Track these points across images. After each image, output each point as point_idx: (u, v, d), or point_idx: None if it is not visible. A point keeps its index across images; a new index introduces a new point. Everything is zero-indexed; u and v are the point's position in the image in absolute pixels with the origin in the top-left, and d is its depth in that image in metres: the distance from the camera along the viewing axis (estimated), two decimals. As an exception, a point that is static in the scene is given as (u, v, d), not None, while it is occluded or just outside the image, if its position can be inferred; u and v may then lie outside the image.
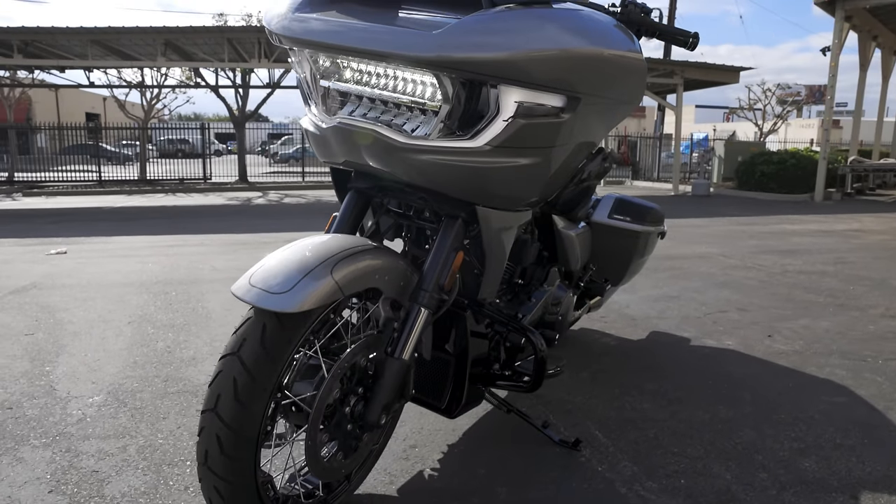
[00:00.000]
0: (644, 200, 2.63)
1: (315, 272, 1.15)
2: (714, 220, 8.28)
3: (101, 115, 31.15)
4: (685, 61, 13.08)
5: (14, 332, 2.98)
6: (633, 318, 3.28)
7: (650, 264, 4.77)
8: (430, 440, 1.90)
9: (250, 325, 1.15)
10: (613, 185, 16.52)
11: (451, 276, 1.41)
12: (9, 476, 1.69)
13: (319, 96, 1.37)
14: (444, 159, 1.24)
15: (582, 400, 2.21)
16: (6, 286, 3.96)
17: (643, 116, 33.10)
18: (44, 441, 1.88)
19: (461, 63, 1.13)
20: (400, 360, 1.35)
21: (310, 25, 1.23)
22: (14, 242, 6.00)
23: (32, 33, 10.10)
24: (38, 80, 15.62)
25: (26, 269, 4.58)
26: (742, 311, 3.46)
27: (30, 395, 2.23)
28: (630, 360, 2.64)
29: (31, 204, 10.78)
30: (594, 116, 1.40)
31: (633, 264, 2.58)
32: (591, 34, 1.26)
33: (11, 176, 14.84)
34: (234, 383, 1.11)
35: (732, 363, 2.61)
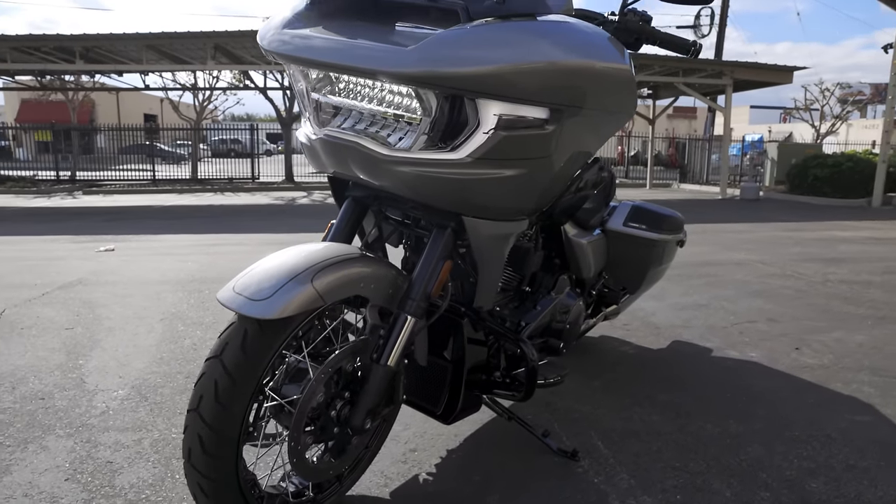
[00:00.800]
0: (663, 208, 2.59)
1: (295, 280, 1.19)
2: (759, 225, 8.02)
3: (157, 116, 32.40)
4: (735, 61, 12.69)
5: (56, 326, 3.15)
6: (656, 327, 3.23)
7: (682, 271, 4.69)
8: (431, 444, 1.93)
9: (233, 330, 1.20)
10: (660, 189, 16.19)
11: (439, 285, 1.43)
12: (32, 463, 1.80)
13: (311, 109, 1.41)
14: (427, 171, 1.27)
15: (589, 409, 2.20)
16: (55, 282, 4.18)
17: (694, 117, 32.26)
18: (67, 431, 2.00)
19: (434, 78, 1.15)
20: (385, 366, 1.37)
21: (296, 42, 1.27)
22: (69, 239, 6.32)
23: (92, 40, 10.61)
24: (99, 83, 16.38)
25: (76, 265, 4.82)
26: (772, 321, 3.36)
27: (62, 386, 2.36)
28: (646, 370, 2.60)
29: (89, 202, 11.31)
30: (584, 127, 1.39)
31: (651, 273, 2.54)
32: (572, 47, 1.25)
33: (73, 175, 15.61)
34: (215, 385, 1.16)
35: (753, 376, 2.54)
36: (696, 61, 12.43)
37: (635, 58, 9.53)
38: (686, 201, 12.05)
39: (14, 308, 3.49)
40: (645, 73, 12.77)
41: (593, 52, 1.30)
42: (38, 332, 3.04)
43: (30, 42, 10.58)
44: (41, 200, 11.55)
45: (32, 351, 2.76)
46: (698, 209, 10.38)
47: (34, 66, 11.47)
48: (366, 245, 1.75)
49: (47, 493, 1.64)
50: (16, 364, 2.60)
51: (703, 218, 8.81)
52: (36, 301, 3.65)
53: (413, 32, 1.21)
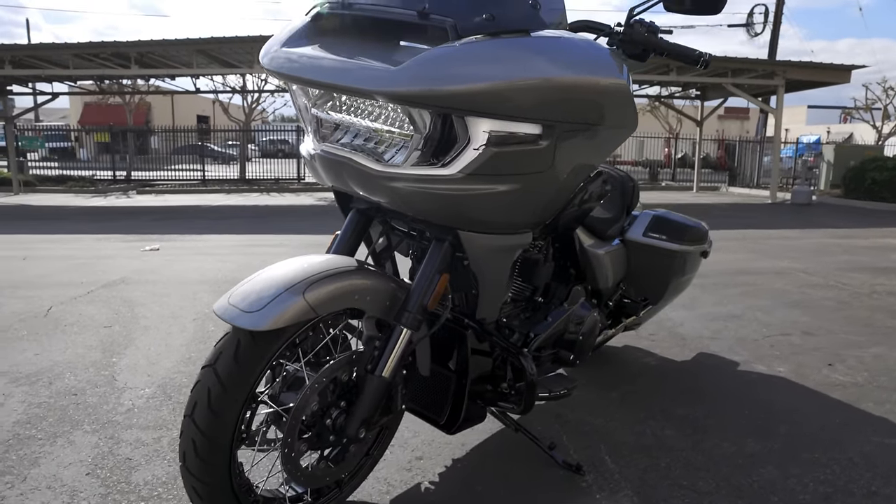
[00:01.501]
0: (686, 217, 2.53)
1: (287, 293, 1.23)
2: (807, 231, 7.72)
3: (210, 117, 33.46)
4: (787, 61, 12.24)
5: (95, 324, 3.30)
6: (683, 338, 3.16)
7: (718, 280, 4.57)
8: (437, 453, 1.94)
9: (227, 339, 1.25)
10: (707, 192, 15.78)
11: (435, 297, 1.45)
12: (59, 457, 1.90)
13: (312, 124, 1.45)
14: (419, 187, 1.28)
15: (602, 422, 2.17)
16: (100, 280, 4.38)
17: (747, 118, 31.27)
18: (94, 427, 2.10)
19: (418, 97, 1.16)
20: (380, 377, 1.40)
21: (292, 61, 1.31)
22: (119, 238, 6.60)
23: (146, 46, 11.04)
24: (153, 87, 17.03)
25: (122, 264, 5.04)
26: (807, 334, 3.24)
27: (94, 383, 2.48)
28: (666, 382, 2.55)
29: (141, 201, 11.77)
30: (581, 142, 1.39)
31: (673, 284, 2.49)
32: (562, 63, 1.25)
33: (129, 175, 16.26)
34: (208, 393, 1.21)
35: (778, 392, 2.46)
36: (746, 61, 12.05)
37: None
38: (732, 205, 11.71)
39: (60, 305, 3.67)
40: (691, 74, 12.46)
41: (584, 68, 1.29)
42: (79, 330, 3.19)
43: (89, 49, 11.09)
44: (97, 200, 12.09)
45: (72, 348, 2.91)
46: (744, 214, 10.07)
47: (93, 71, 12.02)
48: (373, 254, 1.78)
49: (69, 486, 1.73)
50: (55, 360, 2.74)
51: (748, 223, 8.54)
52: (81, 299, 3.83)
53: (408, 50, 1.23)
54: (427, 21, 1.21)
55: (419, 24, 1.22)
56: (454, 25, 1.18)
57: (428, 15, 1.21)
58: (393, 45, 1.26)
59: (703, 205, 11.87)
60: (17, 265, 4.95)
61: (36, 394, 2.37)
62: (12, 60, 11.30)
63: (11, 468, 1.83)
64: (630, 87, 1.39)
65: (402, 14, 1.25)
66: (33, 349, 2.89)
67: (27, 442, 1.99)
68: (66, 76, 12.41)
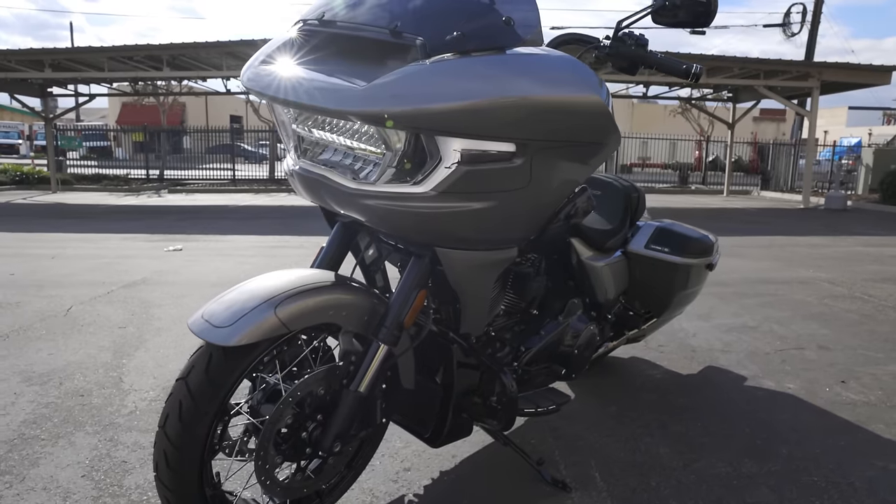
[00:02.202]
0: (692, 229, 2.48)
1: (258, 309, 1.24)
2: (838, 238, 7.50)
3: (243, 117, 34.05)
4: (822, 62, 11.90)
5: (111, 325, 3.38)
6: (692, 350, 3.10)
7: (737, 288, 4.47)
8: (426, 464, 1.94)
9: (200, 353, 1.27)
10: (738, 196, 15.46)
11: (412, 313, 1.45)
12: (58, 457, 1.95)
13: (292, 141, 1.46)
14: (392, 205, 1.28)
15: (596, 437, 2.15)
16: (121, 280, 4.49)
17: (783, 119, 30.50)
18: (95, 429, 2.15)
19: (380, 117, 1.16)
20: (355, 392, 1.40)
21: (265, 79, 1.32)
22: (144, 238, 6.76)
23: (178, 48, 11.29)
24: (186, 87, 17.40)
25: (144, 264, 5.16)
26: (823, 349, 3.15)
27: (101, 384, 2.55)
28: (668, 397, 2.51)
29: (171, 200, 12.04)
30: (560, 159, 1.37)
31: (677, 297, 2.44)
32: (534, 81, 1.23)
33: (162, 174, 16.65)
34: (179, 406, 1.23)
35: (784, 410, 2.40)
36: (779, 63, 11.76)
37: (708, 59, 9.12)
38: (762, 210, 11.45)
39: (80, 305, 3.78)
40: (722, 76, 12.21)
41: (558, 86, 1.27)
42: (95, 330, 3.28)
43: (123, 52, 11.39)
44: (130, 198, 12.40)
45: (85, 348, 2.99)
46: (773, 219, 9.84)
47: (127, 73, 12.34)
48: (362, 265, 1.79)
49: (63, 488, 1.78)
50: (69, 360, 2.82)
51: (776, 230, 8.34)
52: (100, 299, 3.94)
53: (382, 68, 1.23)
54: (399, 39, 1.21)
55: (393, 42, 1.22)
56: (424, 44, 1.17)
57: (400, 33, 1.21)
58: (369, 63, 1.26)
59: (731, 209, 11.64)
60: (45, 264, 5.11)
61: (46, 394, 2.44)
62: (52, 63, 11.67)
63: (12, 468, 1.89)
64: (608, 103, 1.36)
65: (375, 32, 1.25)
66: (49, 349, 2.97)
67: (30, 442, 2.05)
68: (102, 78, 12.75)
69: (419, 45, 1.17)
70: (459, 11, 1.22)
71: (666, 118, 23.35)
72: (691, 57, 11.67)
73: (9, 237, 6.71)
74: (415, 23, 1.21)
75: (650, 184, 18.06)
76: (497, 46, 1.22)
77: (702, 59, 11.85)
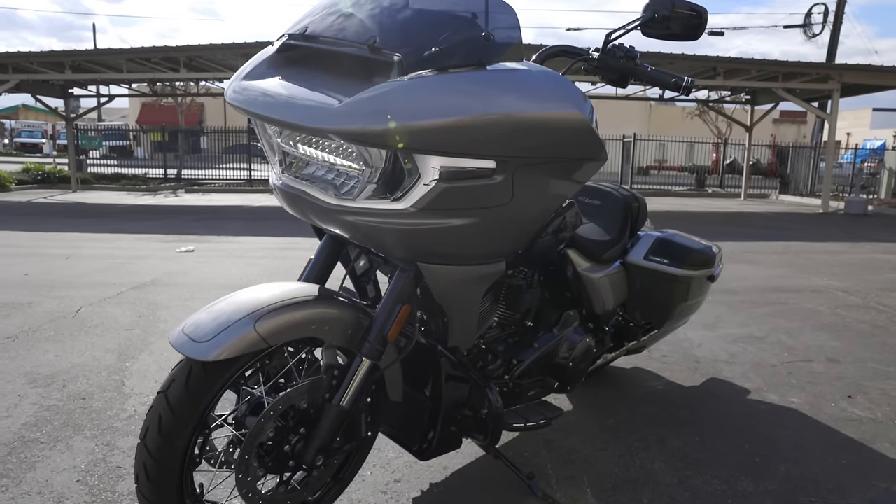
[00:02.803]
0: (693, 240, 2.45)
1: (238, 324, 1.24)
2: (856, 245, 7.37)
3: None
4: (843, 64, 11.71)
5: (117, 326, 3.43)
6: (696, 361, 3.06)
7: (747, 297, 4.41)
8: (417, 476, 1.94)
9: (180, 367, 1.27)
10: (755, 200, 15.27)
11: (396, 328, 1.44)
12: (55, 462, 1.98)
13: (276, 155, 1.46)
14: (373, 221, 1.28)
15: (591, 451, 2.12)
16: (131, 281, 4.55)
17: (804, 121, 30.02)
18: (94, 433, 2.17)
19: (357, 135, 1.15)
20: (338, 406, 1.40)
21: (246, 94, 1.32)
22: (158, 238, 6.84)
23: (194, 50, 11.42)
24: (204, 88, 17.59)
25: (155, 265, 5.22)
26: (832, 361, 3.09)
27: (103, 388, 2.58)
28: (667, 410, 2.47)
29: (188, 200, 12.17)
30: (543, 175, 1.35)
31: (678, 309, 2.41)
32: (512, 97, 1.21)
33: (179, 174, 16.84)
34: (159, 419, 1.24)
35: (786, 425, 2.36)
36: (798, 65, 11.59)
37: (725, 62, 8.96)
38: (779, 215, 11.28)
39: (89, 307, 3.83)
40: (739, 79, 12.06)
41: (538, 102, 1.25)
42: (102, 332, 3.32)
43: (141, 54, 11.54)
44: (147, 198, 12.56)
45: (91, 350, 3.03)
46: (790, 224, 9.69)
47: (145, 75, 12.51)
48: (353, 276, 1.79)
49: (57, 492, 1.81)
50: (73, 362, 2.86)
51: (792, 235, 8.21)
52: (109, 300, 3.99)
53: (361, 85, 1.22)
54: (378, 55, 1.21)
55: (373, 58, 1.22)
56: (401, 61, 1.17)
57: (379, 49, 1.20)
58: (351, 78, 1.26)
59: (747, 213, 11.49)
60: (59, 264, 5.19)
61: (48, 396, 2.48)
62: (72, 65, 11.86)
63: (10, 471, 1.92)
64: (591, 119, 1.34)
65: (355, 48, 1.25)
66: (56, 350, 3.02)
67: (29, 445, 2.08)
68: (121, 79, 12.94)
69: (397, 61, 1.17)
70: (438, 26, 1.21)
71: (683, 120, 23.13)
72: (706, 60, 11.56)
73: (27, 236, 6.83)
74: (393, 38, 1.21)
75: (666, 186, 17.91)
76: (476, 62, 1.21)
77: (719, 60, 11.72)
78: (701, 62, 11.68)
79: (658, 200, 14.64)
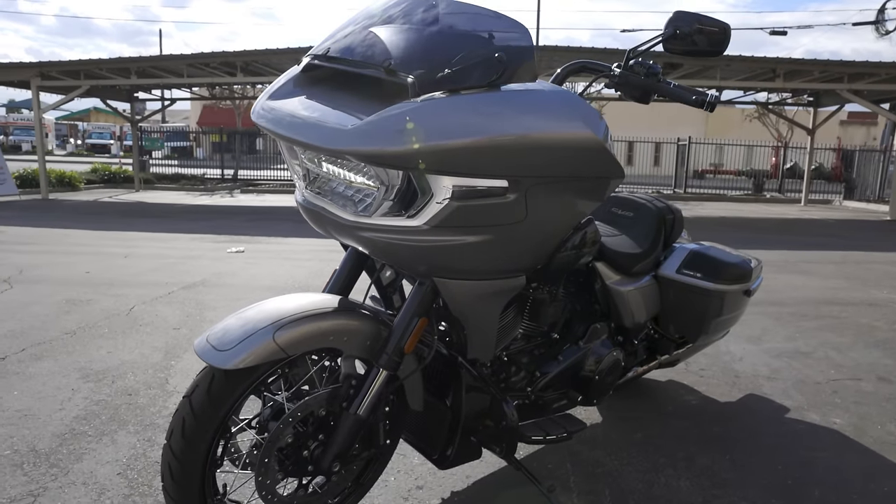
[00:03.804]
0: (729, 253, 2.39)
1: (258, 334, 1.30)
2: (923, 256, 6.97)
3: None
4: (917, 63, 11.07)
5: (166, 325, 3.59)
6: (736, 375, 2.97)
7: (797, 309, 4.26)
8: (439, 483, 1.97)
9: (203, 373, 1.34)
10: (817, 206, 14.63)
11: (412, 341, 1.47)
12: (100, 455, 2.10)
13: (300, 172, 1.51)
14: (388, 237, 1.31)
15: (616, 465, 2.10)
16: (182, 281, 4.74)
17: (874, 123, 28.52)
18: (137, 428, 2.29)
19: (369, 156, 1.19)
20: (354, 415, 1.44)
21: (269, 114, 1.38)
22: (211, 238, 7.10)
23: (250, 55, 11.78)
24: (260, 91, 18.13)
25: (206, 265, 5.42)
26: (883, 381, 2.95)
27: (148, 385, 2.71)
28: (699, 426, 2.42)
29: (242, 201, 12.57)
30: (557, 193, 1.36)
31: (712, 323, 2.36)
32: (522, 119, 1.22)
33: (235, 175, 17.40)
34: (182, 422, 1.31)
35: (825, 447, 2.27)
36: (867, 65, 11.05)
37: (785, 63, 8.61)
38: (841, 222, 10.78)
39: (142, 305, 4.02)
40: (800, 80, 11.59)
41: (548, 124, 1.26)
42: (151, 331, 3.49)
43: (201, 59, 12.00)
44: (204, 198, 13.04)
45: (140, 348, 3.19)
46: (852, 232, 9.25)
47: (204, 79, 12.98)
48: (378, 285, 1.83)
49: (99, 484, 1.92)
50: (123, 359, 3.02)
51: (853, 244, 7.84)
52: (161, 300, 4.18)
53: (378, 106, 1.25)
54: (393, 77, 1.24)
55: (388, 80, 1.26)
56: (414, 83, 1.20)
57: (394, 72, 1.24)
58: (370, 100, 1.29)
59: (807, 220, 11.03)
60: (118, 263, 5.46)
61: (98, 391, 2.62)
62: (137, 70, 12.43)
63: (59, 461, 2.05)
64: (605, 138, 1.34)
65: (371, 69, 1.28)
66: (108, 347, 3.19)
67: (78, 438, 2.21)
68: (182, 83, 13.47)
69: (410, 83, 1.20)
70: (451, 48, 1.24)
71: (743, 123, 22.36)
72: (765, 61, 11.16)
73: (92, 235, 7.20)
74: (407, 61, 1.24)
75: (722, 191, 17.36)
76: (489, 83, 1.23)
77: (779, 62, 11.30)
78: (759, 63, 11.28)
79: (712, 205, 14.22)
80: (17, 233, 7.20)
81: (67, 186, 13.69)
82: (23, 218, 8.67)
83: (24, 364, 2.91)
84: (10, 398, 2.53)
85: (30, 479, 1.94)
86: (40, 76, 12.34)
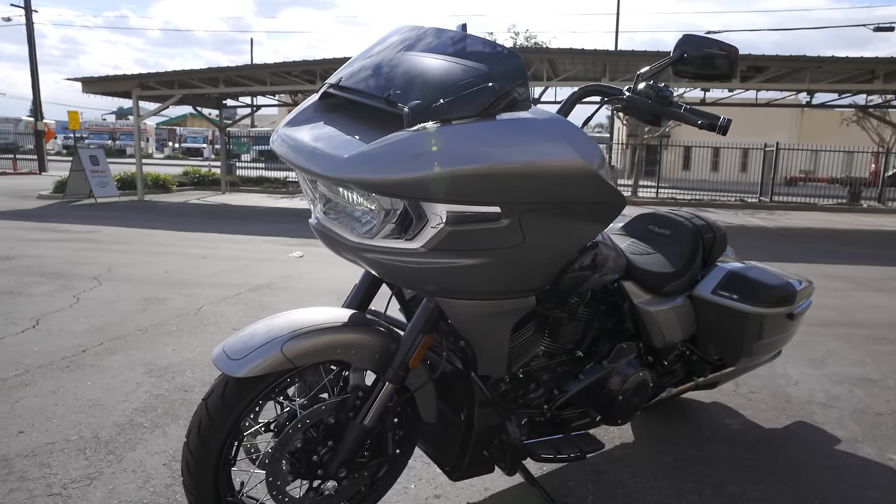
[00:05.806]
0: (772, 274, 2.30)
1: (268, 345, 1.40)
2: None
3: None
4: None
5: (229, 325, 3.82)
6: (787, 400, 2.84)
7: (874, 332, 4.00)
8: (457, 494, 2.01)
9: (219, 380, 1.46)
10: (853, 214, 13.51)
11: (417, 357, 1.53)
12: (151, 445, 2.29)
13: (314, 196, 1.60)
14: (389, 259, 1.38)
15: (640, 487, 2.07)
16: (249, 283, 5.02)
17: None
18: (186, 423, 2.47)
19: (362, 184, 1.25)
20: (360, 425, 1.52)
21: (283, 141, 1.47)
22: (283, 241, 7.44)
23: (329, 63, 12.22)
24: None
25: (274, 268, 5.70)
26: (955, 415, 2.73)
27: (204, 382, 2.91)
28: (736, 451, 2.34)
29: (318, 204, 13.02)
30: (554, 218, 1.37)
31: (752, 346, 2.28)
32: (511, 148, 1.25)
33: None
34: (199, 424, 1.42)
35: (875, 484, 2.14)
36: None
37: (885, 63, 8.06)
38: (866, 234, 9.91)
39: (210, 305, 4.30)
40: None
41: (537, 152, 1.27)
42: (214, 330, 3.72)
43: (283, 68, 12.59)
44: (284, 201, 13.64)
45: (201, 347, 3.41)
46: (958, 248, 8.48)
47: (286, 87, 13.61)
48: (399, 298, 1.90)
49: (147, 472, 2.09)
50: (185, 357, 3.25)
51: (956, 261, 7.20)
52: (228, 300, 4.44)
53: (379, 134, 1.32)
54: (391, 108, 1.30)
55: (388, 110, 1.32)
56: (408, 114, 1.25)
57: (393, 102, 1.30)
58: (375, 129, 1.35)
59: None
60: (195, 263, 5.84)
61: (159, 386, 2.85)
62: (225, 80, 13.20)
63: (116, 449, 2.25)
64: (598, 165, 1.34)
65: (373, 99, 1.35)
66: (174, 344, 3.44)
67: (135, 428, 2.41)
68: (266, 91, 14.17)
69: (405, 114, 1.26)
70: (446, 79, 1.29)
71: (840, 127, 20.95)
72: (862, 62, 10.43)
73: (175, 236, 7.72)
74: (404, 91, 1.30)
75: (813, 199, 16.36)
76: (481, 112, 1.27)
77: (878, 62, 10.55)
78: (854, 65, 10.58)
79: (799, 215, 13.43)
80: (112, 233, 7.82)
81: (161, 189, 14.69)
82: (118, 219, 9.40)
83: (99, 357, 3.19)
84: (84, 388, 2.79)
85: (89, 462, 2.14)
86: (140, 86, 13.36)
